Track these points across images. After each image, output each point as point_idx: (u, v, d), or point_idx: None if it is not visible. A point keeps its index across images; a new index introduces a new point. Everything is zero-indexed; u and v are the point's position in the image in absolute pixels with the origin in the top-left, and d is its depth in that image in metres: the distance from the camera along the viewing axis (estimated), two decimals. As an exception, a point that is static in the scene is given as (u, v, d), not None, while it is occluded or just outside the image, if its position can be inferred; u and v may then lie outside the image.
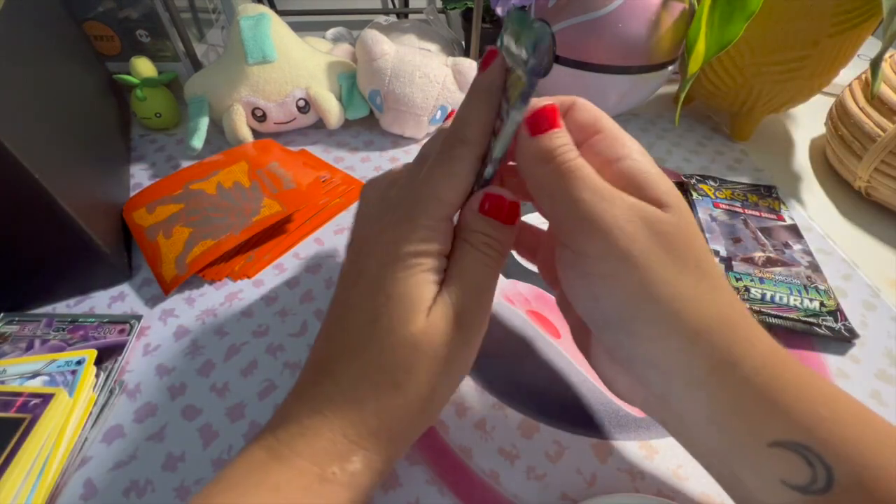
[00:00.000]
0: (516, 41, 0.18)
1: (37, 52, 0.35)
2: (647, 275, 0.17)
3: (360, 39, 0.45)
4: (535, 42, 0.17)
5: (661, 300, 0.17)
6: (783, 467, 0.17)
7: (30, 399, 0.26)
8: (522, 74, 0.17)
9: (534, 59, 0.17)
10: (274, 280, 0.36)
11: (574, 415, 0.28)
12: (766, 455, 0.17)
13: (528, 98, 0.17)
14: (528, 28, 0.18)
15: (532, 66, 0.17)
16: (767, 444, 0.17)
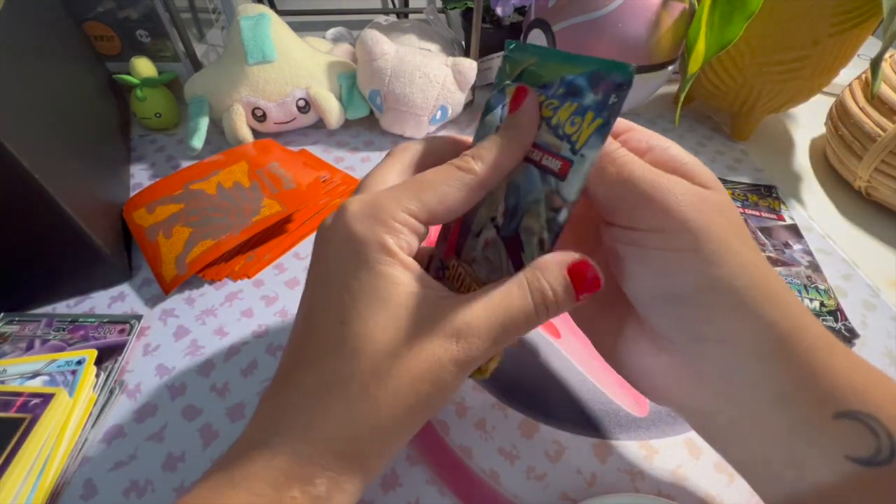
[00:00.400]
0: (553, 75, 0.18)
1: (37, 52, 0.35)
2: (721, 245, 0.17)
3: (360, 39, 0.45)
4: (595, 75, 0.17)
5: (735, 270, 0.17)
6: (848, 440, 0.17)
7: (30, 399, 0.26)
8: (590, 115, 0.17)
9: (613, 95, 0.16)
10: (274, 280, 0.36)
11: (574, 415, 0.28)
12: (832, 428, 0.17)
13: (606, 136, 0.17)
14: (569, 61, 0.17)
15: (613, 103, 0.16)
16: (833, 416, 0.17)
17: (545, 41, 0.47)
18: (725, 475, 0.26)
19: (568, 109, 0.18)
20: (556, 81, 0.18)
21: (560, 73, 0.18)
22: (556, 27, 0.45)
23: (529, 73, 0.19)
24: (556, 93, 0.18)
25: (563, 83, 0.18)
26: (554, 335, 0.32)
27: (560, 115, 0.18)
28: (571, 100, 0.18)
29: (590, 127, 0.17)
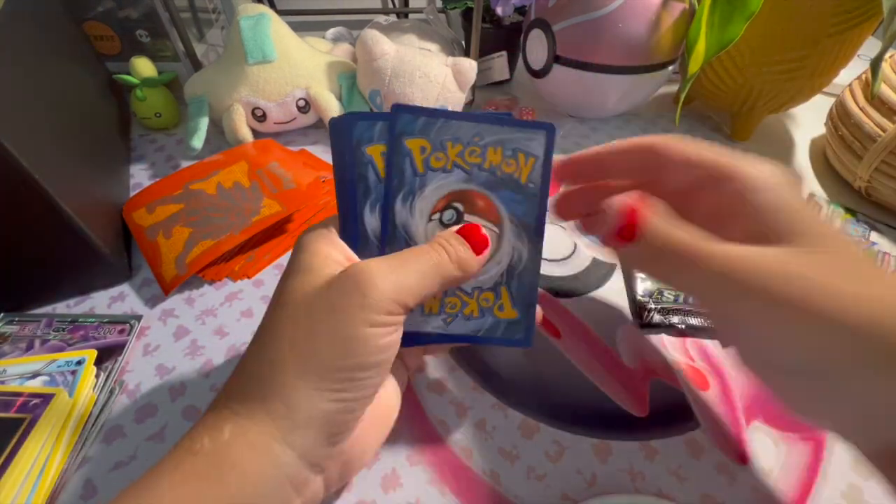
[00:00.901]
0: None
1: (37, 52, 0.35)
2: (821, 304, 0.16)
3: (360, 39, 0.45)
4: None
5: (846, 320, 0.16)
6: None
7: (30, 399, 0.26)
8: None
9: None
10: (274, 280, 0.36)
11: (574, 415, 0.28)
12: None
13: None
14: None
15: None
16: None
17: (545, 41, 0.47)
18: (726, 475, 0.26)
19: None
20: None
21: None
22: (556, 27, 0.45)
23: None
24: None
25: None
26: (554, 335, 0.32)
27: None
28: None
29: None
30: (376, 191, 0.21)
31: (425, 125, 0.20)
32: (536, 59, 0.49)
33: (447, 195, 0.21)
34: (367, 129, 0.20)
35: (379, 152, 0.20)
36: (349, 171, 0.20)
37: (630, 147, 0.22)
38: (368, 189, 0.21)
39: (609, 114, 0.53)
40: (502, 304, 0.23)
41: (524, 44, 0.51)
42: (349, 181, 0.20)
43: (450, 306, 0.22)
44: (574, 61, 0.45)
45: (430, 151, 0.21)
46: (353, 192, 0.20)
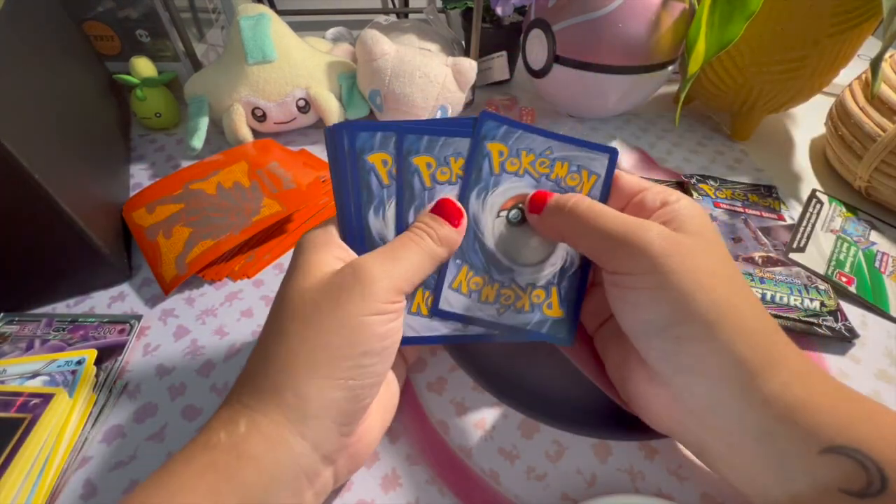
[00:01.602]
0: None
1: (37, 52, 0.35)
2: (687, 283, 0.19)
3: (360, 39, 0.45)
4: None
5: (701, 304, 0.19)
6: (839, 474, 0.17)
7: (30, 399, 0.26)
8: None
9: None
10: (274, 280, 0.36)
11: (574, 415, 0.28)
12: (821, 463, 0.17)
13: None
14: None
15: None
16: (819, 452, 0.17)
17: (545, 41, 0.47)
18: (725, 475, 0.26)
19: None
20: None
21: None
22: (556, 27, 0.45)
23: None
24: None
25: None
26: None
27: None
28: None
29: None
30: (379, 196, 0.22)
31: (506, 133, 0.22)
32: (536, 59, 0.49)
33: (516, 196, 0.23)
34: (368, 139, 0.21)
35: (380, 160, 0.21)
36: (352, 179, 0.21)
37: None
38: (371, 195, 0.22)
39: (609, 114, 0.53)
40: (551, 302, 0.25)
41: (524, 44, 0.51)
42: (353, 188, 0.21)
43: (504, 297, 0.24)
44: (574, 61, 0.45)
45: (507, 156, 0.23)
46: (358, 199, 0.21)
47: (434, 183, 0.22)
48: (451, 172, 0.22)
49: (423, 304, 0.23)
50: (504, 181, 0.23)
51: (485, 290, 0.24)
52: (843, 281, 0.35)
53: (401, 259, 0.20)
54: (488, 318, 0.24)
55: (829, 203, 0.42)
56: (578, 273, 0.25)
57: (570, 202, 0.22)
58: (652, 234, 0.19)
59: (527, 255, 0.24)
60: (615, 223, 0.20)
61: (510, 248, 0.24)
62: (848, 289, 0.35)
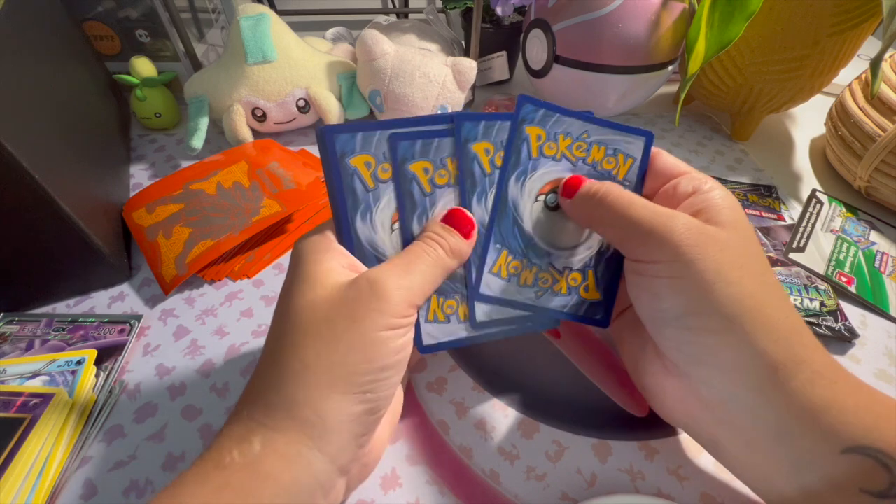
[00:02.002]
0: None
1: (37, 51, 0.35)
2: (709, 275, 0.18)
3: (360, 39, 0.45)
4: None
5: (722, 296, 0.18)
6: (860, 474, 0.17)
7: (30, 399, 0.26)
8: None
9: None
10: (274, 280, 0.36)
11: (574, 415, 0.28)
12: (841, 463, 0.17)
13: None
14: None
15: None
16: (841, 451, 0.17)
17: (545, 41, 0.47)
18: (726, 475, 0.26)
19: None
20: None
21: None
22: (556, 27, 0.45)
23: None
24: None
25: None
26: (554, 335, 0.32)
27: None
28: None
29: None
30: (364, 200, 0.21)
31: (543, 116, 0.23)
32: (536, 59, 0.49)
33: (554, 180, 0.23)
34: (348, 140, 0.20)
35: (363, 162, 0.21)
36: (336, 183, 0.21)
37: None
38: (357, 199, 0.21)
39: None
40: (588, 285, 0.25)
41: (524, 44, 0.51)
42: (338, 192, 0.21)
43: (542, 281, 0.24)
44: (574, 61, 0.45)
45: (545, 140, 0.23)
46: (343, 203, 0.21)
47: (433, 187, 0.22)
48: (450, 174, 0.22)
49: (439, 310, 0.23)
50: (542, 165, 0.23)
51: (523, 274, 0.24)
52: (843, 281, 0.35)
53: (414, 272, 0.20)
54: (527, 301, 0.24)
55: (829, 203, 0.42)
56: (615, 256, 0.25)
57: (602, 190, 0.22)
58: (678, 223, 0.19)
59: (564, 239, 0.24)
60: (642, 213, 0.20)
61: (547, 232, 0.24)
62: (848, 289, 0.35)
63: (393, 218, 0.22)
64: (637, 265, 0.21)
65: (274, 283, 0.35)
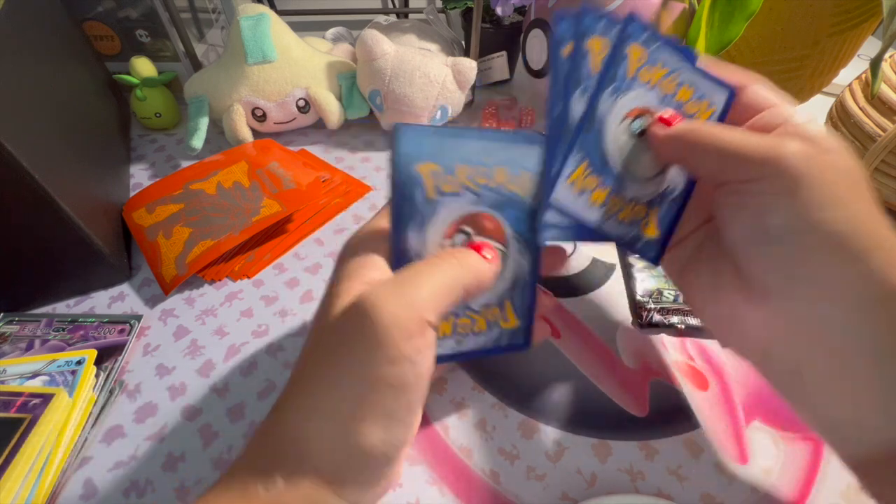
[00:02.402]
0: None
1: (37, 51, 0.35)
2: (824, 192, 0.17)
3: (360, 39, 0.45)
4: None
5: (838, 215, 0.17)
6: None
7: (30, 399, 0.26)
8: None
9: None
10: (274, 280, 0.36)
11: (574, 415, 0.28)
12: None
13: None
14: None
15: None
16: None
17: (545, 41, 0.47)
18: (725, 475, 0.26)
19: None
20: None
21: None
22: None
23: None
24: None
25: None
26: (554, 335, 0.32)
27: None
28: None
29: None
30: (421, 211, 0.20)
31: (648, 39, 0.21)
32: (536, 59, 0.49)
33: (643, 107, 0.22)
34: (420, 145, 0.19)
35: (429, 171, 0.20)
36: (398, 187, 0.20)
37: None
38: (414, 209, 0.20)
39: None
40: (648, 221, 0.24)
41: (524, 44, 0.51)
42: (397, 197, 0.20)
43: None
44: (574, 61, 0.45)
45: (643, 64, 0.21)
46: (399, 210, 0.20)
47: (438, 194, 0.20)
48: (457, 182, 0.20)
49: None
50: (635, 88, 0.21)
51: (596, 192, 0.22)
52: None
53: (421, 283, 0.18)
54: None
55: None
56: (680, 199, 0.24)
57: (695, 128, 0.20)
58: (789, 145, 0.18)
59: (639, 169, 0.23)
60: (747, 140, 0.19)
61: (625, 158, 0.22)
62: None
63: (446, 233, 0.21)
64: (737, 185, 0.19)
65: (274, 283, 0.35)
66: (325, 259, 0.37)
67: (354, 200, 0.42)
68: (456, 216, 0.21)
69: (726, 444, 0.27)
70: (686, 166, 0.22)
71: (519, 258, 0.23)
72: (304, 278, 0.36)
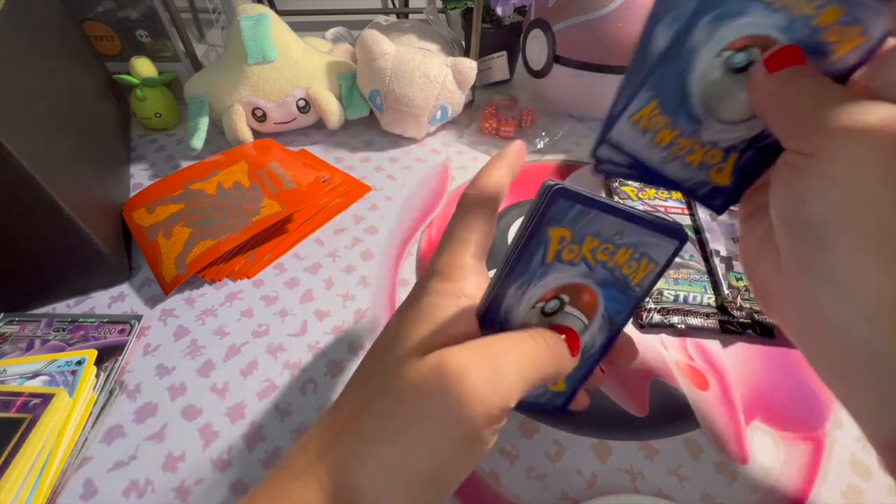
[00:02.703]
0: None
1: (37, 52, 0.35)
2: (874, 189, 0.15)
3: (360, 39, 0.45)
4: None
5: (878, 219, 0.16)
6: None
7: (30, 399, 0.26)
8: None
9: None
10: (274, 280, 0.36)
11: (574, 415, 0.28)
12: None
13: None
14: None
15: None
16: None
17: (545, 41, 0.47)
18: (725, 475, 0.26)
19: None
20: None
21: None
22: (556, 27, 0.45)
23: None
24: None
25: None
26: (554, 335, 0.32)
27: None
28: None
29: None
30: (532, 272, 0.20)
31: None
32: (536, 59, 0.49)
33: (753, 36, 0.19)
34: (563, 209, 0.18)
35: (559, 236, 0.19)
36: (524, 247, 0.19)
37: None
38: (528, 268, 0.19)
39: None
40: (723, 167, 0.22)
41: (524, 44, 0.51)
42: (518, 252, 0.19)
43: (678, 147, 0.21)
44: (574, 61, 0.45)
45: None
46: (513, 265, 0.19)
47: (556, 261, 0.19)
48: (579, 254, 0.20)
49: None
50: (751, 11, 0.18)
51: (662, 132, 0.21)
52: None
53: (509, 365, 0.17)
54: (653, 161, 0.21)
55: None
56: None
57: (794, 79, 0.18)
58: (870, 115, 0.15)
59: (729, 110, 0.20)
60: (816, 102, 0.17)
61: (714, 96, 0.20)
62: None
63: (540, 297, 0.20)
64: (794, 157, 0.18)
65: (274, 283, 0.35)
66: (326, 259, 0.37)
67: (354, 200, 0.42)
68: (560, 283, 0.20)
69: (726, 444, 0.27)
70: (772, 121, 0.19)
71: (597, 333, 0.22)
72: (304, 278, 0.36)
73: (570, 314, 0.21)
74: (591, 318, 0.22)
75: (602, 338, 0.22)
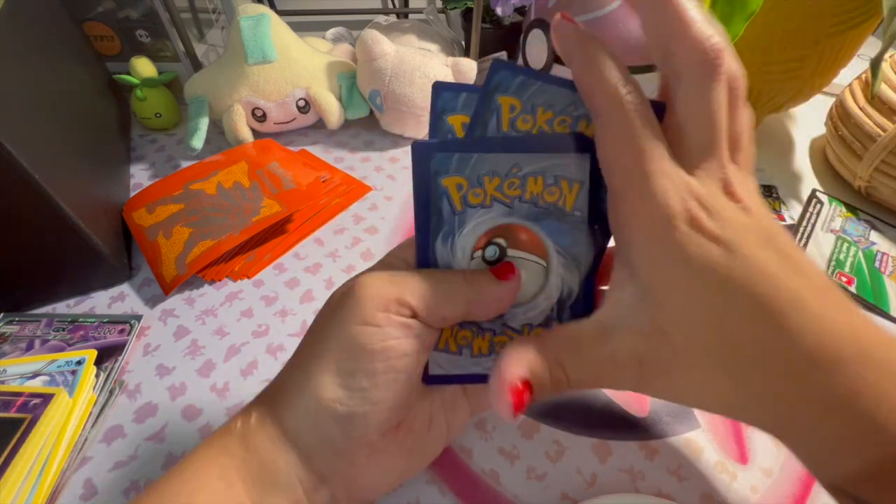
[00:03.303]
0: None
1: (37, 52, 0.35)
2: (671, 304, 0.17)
3: (360, 39, 0.45)
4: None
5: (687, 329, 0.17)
6: None
7: (30, 399, 0.26)
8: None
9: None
10: (274, 280, 0.36)
11: (574, 415, 0.28)
12: None
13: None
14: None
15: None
16: None
17: (545, 41, 0.46)
18: (726, 475, 0.26)
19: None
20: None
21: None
22: (556, 27, 0.45)
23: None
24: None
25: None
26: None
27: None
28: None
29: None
30: (449, 223, 0.20)
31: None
32: (536, 59, 0.49)
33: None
34: (444, 159, 0.19)
35: (454, 184, 0.19)
36: (423, 201, 0.20)
37: None
38: (442, 220, 0.20)
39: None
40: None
41: (524, 44, 0.51)
42: (423, 210, 0.20)
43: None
44: (574, 61, 0.45)
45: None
46: (426, 223, 0.20)
47: (465, 206, 0.20)
48: (486, 194, 0.20)
49: (452, 339, 0.21)
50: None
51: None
52: (844, 281, 0.35)
53: (414, 276, 0.19)
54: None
55: (829, 203, 0.42)
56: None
57: None
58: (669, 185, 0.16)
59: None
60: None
61: None
62: (848, 289, 0.35)
63: (475, 245, 0.20)
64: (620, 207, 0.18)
65: (274, 283, 0.35)
66: (325, 259, 0.37)
67: (354, 200, 0.42)
68: (485, 228, 0.20)
69: (726, 444, 0.27)
70: None
71: (567, 275, 0.21)
72: (304, 278, 0.36)
73: (516, 258, 0.21)
74: (547, 259, 0.21)
75: (578, 279, 0.21)
